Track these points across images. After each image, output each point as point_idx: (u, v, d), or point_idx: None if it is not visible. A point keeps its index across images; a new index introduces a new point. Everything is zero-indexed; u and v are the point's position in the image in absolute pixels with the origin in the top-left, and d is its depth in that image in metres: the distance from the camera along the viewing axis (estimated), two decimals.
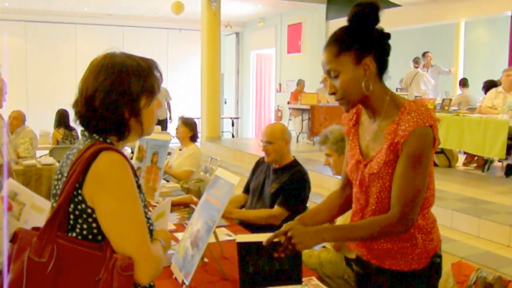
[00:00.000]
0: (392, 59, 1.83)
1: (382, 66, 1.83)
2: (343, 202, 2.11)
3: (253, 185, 3.77)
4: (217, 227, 3.21)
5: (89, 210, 1.51)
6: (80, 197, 1.50)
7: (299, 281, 2.00)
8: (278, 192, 3.48)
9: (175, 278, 2.31)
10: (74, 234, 1.53)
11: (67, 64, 13.42)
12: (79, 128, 1.65)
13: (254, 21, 14.97)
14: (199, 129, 11.75)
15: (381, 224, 1.81)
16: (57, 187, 1.61)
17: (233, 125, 14.27)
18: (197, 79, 12.21)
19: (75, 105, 1.60)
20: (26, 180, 5.80)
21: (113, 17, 14.11)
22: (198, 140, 6.04)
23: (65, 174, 1.55)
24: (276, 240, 1.85)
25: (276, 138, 3.56)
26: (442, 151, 7.23)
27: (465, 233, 4.84)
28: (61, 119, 8.00)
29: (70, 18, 13.89)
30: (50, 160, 6.37)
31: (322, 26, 12.22)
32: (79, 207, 1.51)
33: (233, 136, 14.25)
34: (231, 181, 2.31)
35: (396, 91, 9.47)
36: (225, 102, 16.94)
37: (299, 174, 3.50)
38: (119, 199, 1.49)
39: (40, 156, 6.88)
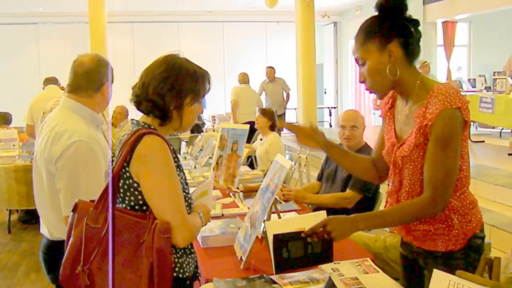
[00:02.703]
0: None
1: (410, 52, 1.89)
2: (369, 166, 2.27)
3: (327, 172, 3.88)
4: (288, 211, 3.37)
5: (135, 185, 1.80)
6: (127, 174, 1.80)
7: (330, 260, 2.08)
8: (350, 176, 3.56)
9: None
10: (123, 205, 1.84)
11: None
12: None
13: (351, 9, 14.82)
14: (295, 119, 11.95)
15: (413, 208, 1.87)
16: (111, 166, 1.91)
17: (330, 114, 14.28)
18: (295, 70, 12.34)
19: (134, 87, 1.93)
20: None
21: (213, 13, 14.54)
22: None
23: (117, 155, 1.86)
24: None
25: (360, 123, 3.65)
26: None
27: None
28: None
29: (173, 17, 14.50)
30: None
31: (419, 10, 11.89)
32: (127, 182, 1.81)
33: (330, 126, 14.26)
34: (285, 165, 2.45)
35: (494, 74, 9.04)
36: (325, 92, 16.93)
37: None
38: (159, 174, 1.77)
39: None
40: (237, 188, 3.98)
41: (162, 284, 1.73)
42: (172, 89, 1.87)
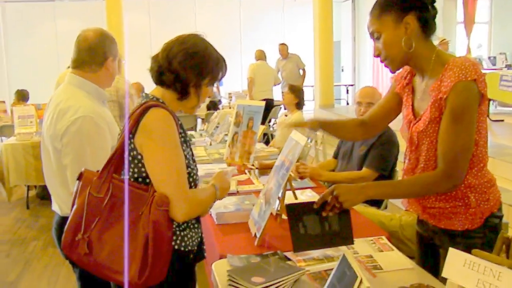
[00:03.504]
0: None
1: (427, 26, 1.86)
2: (355, 129, 2.33)
3: (343, 150, 3.85)
4: (303, 188, 3.36)
5: (139, 157, 1.81)
6: (132, 145, 1.81)
7: (351, 241, 2.06)
8: (366, 154, 3.54)
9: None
10: (127, 176, 1.84)
11: None
12: None
13: None
14: (312, 97, 11.90)
15: (425, 181, 1.85)
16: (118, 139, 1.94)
17: (347, 92, 14.19)
18: (312, 48, 12.24)
19: (155, 58, 1.93)
20: None
21: None
22: (311, 107, 6.14)
23: None
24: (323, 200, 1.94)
25: (377, 99, 3.60)
26: None
27: None
28: None
29: None
30: None
31: None
32: (131, 153, 1.82)
33: (347, 104, 14.17)
34: (300, 141, 2.43)
35: None
36: (342, 70, 16.80)
37: (386, 135, 3.52)
38: (161, 146, 1.78)
39: None
40: (253, 165, 3.97)
41: (157, 257, 1.73)
42: (196, 65, 1.89)
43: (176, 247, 1.86)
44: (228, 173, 2.20)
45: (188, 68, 1.87)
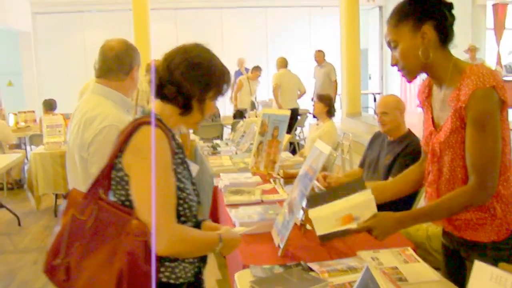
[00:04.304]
0: None
1: (444, 34, 1.83)
2: (418, 178, 2.15)
3: (369, 159, 3.82)
4: None
5: (126, 178, 1.67)
6: (120, 165, 1.67)
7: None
8: (392, 163, 3.51)
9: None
10: (114, 199, 1.70)
11: (214, 47, 14.05)
12: (221, 106, 1.90)
13: None
14: (339, 105, 11.83)
15: (461, 199, 1.81)
16: None
17: (375, 100, 14.08)
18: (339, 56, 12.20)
19: (156, 67, 1.77)
20: None
21: None
22: (338, 116, 6.11)
23: None
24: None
25: (390, 108, 3.58)
26: None
27: None
28: None
29: (216, 3, 14.57)
30: (192, 136, 6.85)
31: None
32: (119, 174, 1.68)
33: (375, 112, 14.05)
34: (324, 151, 2.41)
35: None
36: (370, 78, 16.69)
37: (413, 145, 3.49)
38: (149, 169, 1.58)
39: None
40: (278, 174, 3.96)
41: None
42: (201, 77, 1.75)
43: (164, 279, 1.71)
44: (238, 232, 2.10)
45: (191, 80, 1.73)
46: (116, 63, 2.53)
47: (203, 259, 1.90)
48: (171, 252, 1.65)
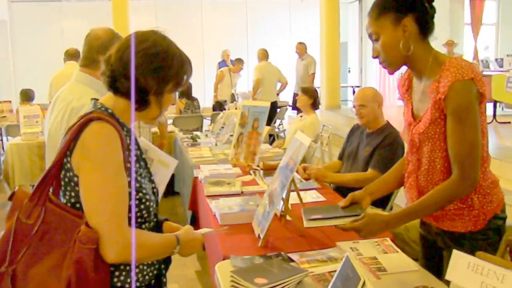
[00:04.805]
0: None
1: (425, 27, 1.86)
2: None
3: (348, 151, 3.84)
4: (308, 189, 3.35)
5: (75, 179, 1.53)
6: (69, 165, 1.53)
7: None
8: (371, 155, 3.53)
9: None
10: (64, 201, 1.57)
11: (194, 38, 14.06)
12: (201, 98, 1.79)
13: None
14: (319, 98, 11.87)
15: (445, 193, 1.83)
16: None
17: (354, 93, 14.14)
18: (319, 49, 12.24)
19: (108, 59, 1.62)
20: None
21: None
22: (318, 109, 6.10)
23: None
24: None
25: (367, 101, 3.61)
26: None
27: None
28: (184, 89, 8.46)
29: None
30: (171, 128, 6.82)
31: None
32: (68, 174, 1.54)
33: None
34: (304, 142, 2.42)
35: None
36: (349, 71, 16.76)
37: (391, 137, 3.52)
38: (98, 170, 1.48)
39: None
40: (258, 165, 3.97)
41: None
42: (158, 69, 1.58)
43: (118, 284, 1.57)
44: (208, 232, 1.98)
45: (147, 73, 1.57)
46: (102, 52, 2.49)
47: (165, 260, 1.80)
48: (122, 259, 1.51)
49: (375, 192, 2.18)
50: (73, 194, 1.54)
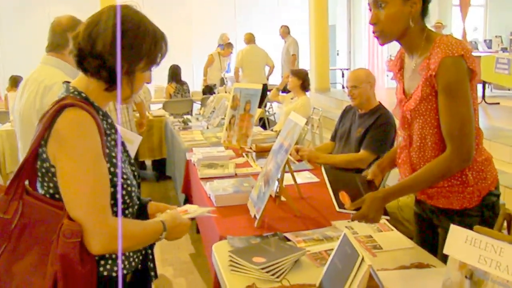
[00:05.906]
0: None
1: (426, 7, 1.89)
2: None
3: (340, 132, 3.85)
4: (301, 170, 3.37)
5: (52, 169, 1.45)
6: (44, 155, 1.45)
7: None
8: (364, 136, 3.54)
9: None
10: (42, 192, 1.50)
11: (181, 26, 13.93)
12: (190, 82, 1.72)
13: None
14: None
15: (439, 168, 1.84)
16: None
17: (343, 76, 14.15)
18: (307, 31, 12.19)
19: (76, 37, 1.52)
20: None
21: None
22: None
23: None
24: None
25: (360, 82, 3.60)
26: None
27: None
28: (174, 74, 8.41)
29: None
30: (161, 112, 6.80)
31: None
32: (44, 165, 1.46)
33: (343, 87, 14.14)
34: (299, 122, 2.43)
35: (511, 35, 8.89)
36: (338, 54, 16.73)
37: (384, 118, 3.52)
38: (75, 159, 1.42)
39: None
40: (250, 148, 3.97)
41: None
42: (128, 47, 1.48)
43: (105, 273, 1.52)
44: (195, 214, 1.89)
45: (116, 51, 1.45)
46: (64, 38, 2.63)
47: (150, 245, 1.75)
48: (108, 250, 1.47)
49: (387, 167, 2.27)
50: (51, 185, 1.47)
